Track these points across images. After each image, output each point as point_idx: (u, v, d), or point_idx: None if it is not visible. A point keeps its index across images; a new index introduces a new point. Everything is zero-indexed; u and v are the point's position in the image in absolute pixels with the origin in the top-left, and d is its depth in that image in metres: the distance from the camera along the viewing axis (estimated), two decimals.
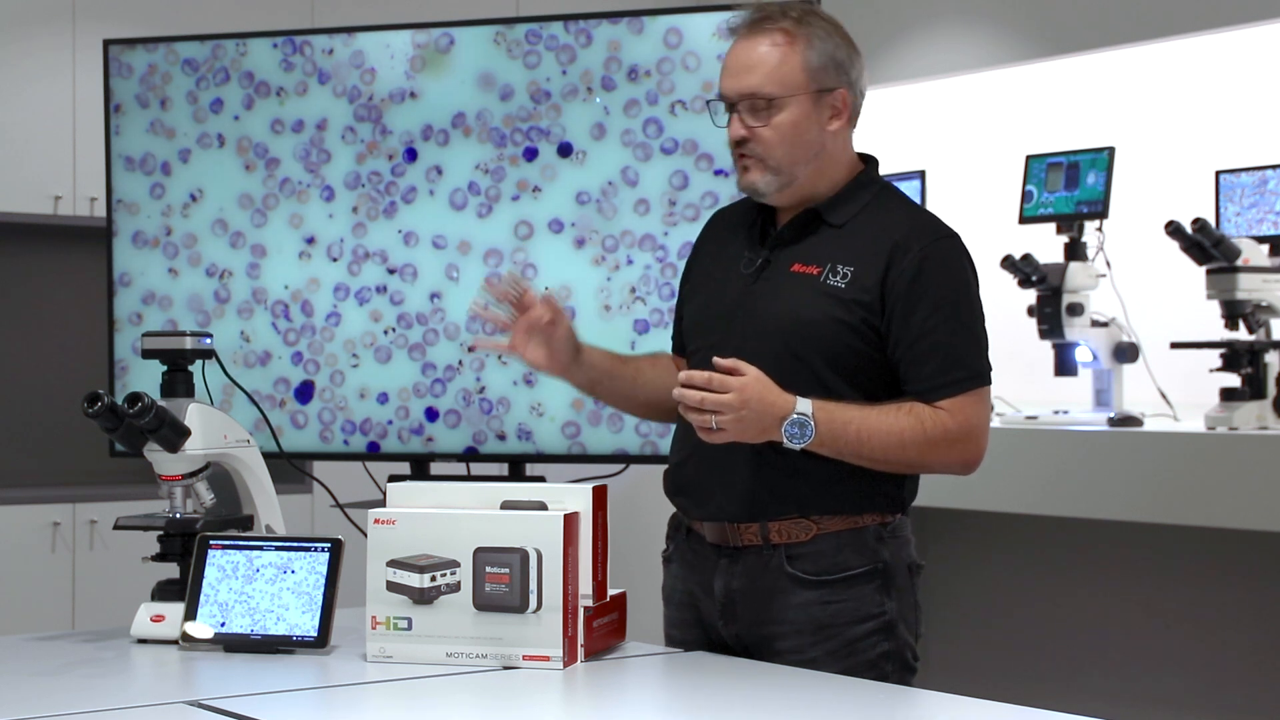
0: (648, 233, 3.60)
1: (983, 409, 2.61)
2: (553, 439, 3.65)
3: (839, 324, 2.58)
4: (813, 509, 2.60)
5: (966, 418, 2.57)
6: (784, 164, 2.62)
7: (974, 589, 5.15)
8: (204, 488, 2.78)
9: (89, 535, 5.44)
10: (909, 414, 2.55)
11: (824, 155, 2.65)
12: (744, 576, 2.64)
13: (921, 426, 2.55)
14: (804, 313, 2.60)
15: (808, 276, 2.62)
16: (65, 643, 2.70)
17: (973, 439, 2.59)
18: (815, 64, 2.61)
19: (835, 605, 2.60)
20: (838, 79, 2.63)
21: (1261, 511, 4.04)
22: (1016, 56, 5.64)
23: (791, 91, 2.61)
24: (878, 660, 2.59)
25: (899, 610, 2.62)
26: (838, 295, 2.59)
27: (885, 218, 2.64)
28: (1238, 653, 4.64)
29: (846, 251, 2.61)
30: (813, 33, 2.63)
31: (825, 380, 2.58)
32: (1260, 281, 4.29)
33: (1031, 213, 4.80)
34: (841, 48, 2.64)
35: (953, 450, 2.58)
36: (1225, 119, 5.23)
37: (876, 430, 2.54)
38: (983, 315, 2.65)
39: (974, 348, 2.61)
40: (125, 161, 3.85)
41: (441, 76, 3.70)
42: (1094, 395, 4.78)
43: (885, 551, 2.62)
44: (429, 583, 2.44)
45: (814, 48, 2.62)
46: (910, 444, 2.55)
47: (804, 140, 2.62)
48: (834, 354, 2.58)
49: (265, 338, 3.79)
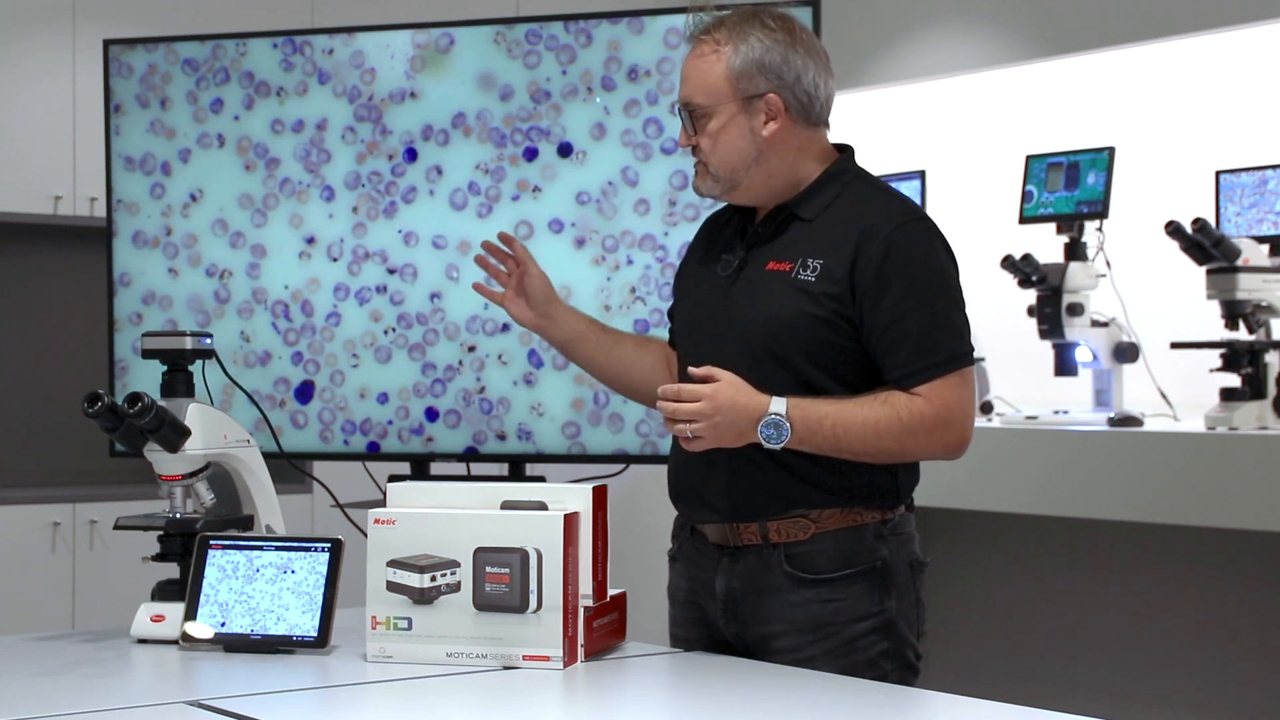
0: (648, 233, 3.60)
1: (962, 392, 2.57)
2: (553, 439, 3.65)
3: (811, 319, 2.57)
4: (808, 505, 2.60)
5: (945, 402, 2.55)
6: (722, 171, 2.65)
7: (974, 589, 5.15)
8: (204, 488, 2.78)
9: (89, 535, 5.44)
10: (885, 403, 2.54)
11: (767, 159, 2.64)
12: (744, 576, 2.64)
13: (897, 415, 2.54)
14: (777, 311, 2.60)
15: (780, 274, 2.62)
16: (65, 643, 2.70)
17: (953, 424, 2.57)
18: (738, 70, 2.61)
19: (834, 604, 2.60)
20: (766, 83, 2.61)
21: (1261, 511, 4.04)
22: (1016, 56, 5.64)
23: (717, 100, 2.62)
24: (877, 659, 2.59)
25: (899, 609, 2.62)
26: (808, 290, 2.58)
27: (853, 207, 2.63)
28: (1238, 653, 4.64)
29: (816, 245, 2.61)
30: (743, 39, 2.61)
31: (807, 376, 2.58)
32: (1260, 281, 4.29)
33: (1031, 213, 4.80)
34: (775, 49, 2.61)
35: (933, 437, 2.56)
36: (1225, 119, 5.23)
37: (852, 423, 2.53)
38: (958, 297, 2.61)
39: (948, 330, 2.58)
40: (125, 161, 3.85)
41: (441, 76, 3.70)
42: (1094, 395, 4.78)
43: (885, 549, 2.61)
44: (429, 583, 2.44)
45: (739, 54, 2.61)
46: (887, 434, 2.54)
47: (735, 147, 2.63)
48: (810, 349, 2.58)
49: (265, 338, 3.79)
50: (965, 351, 2.59)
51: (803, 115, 2.64)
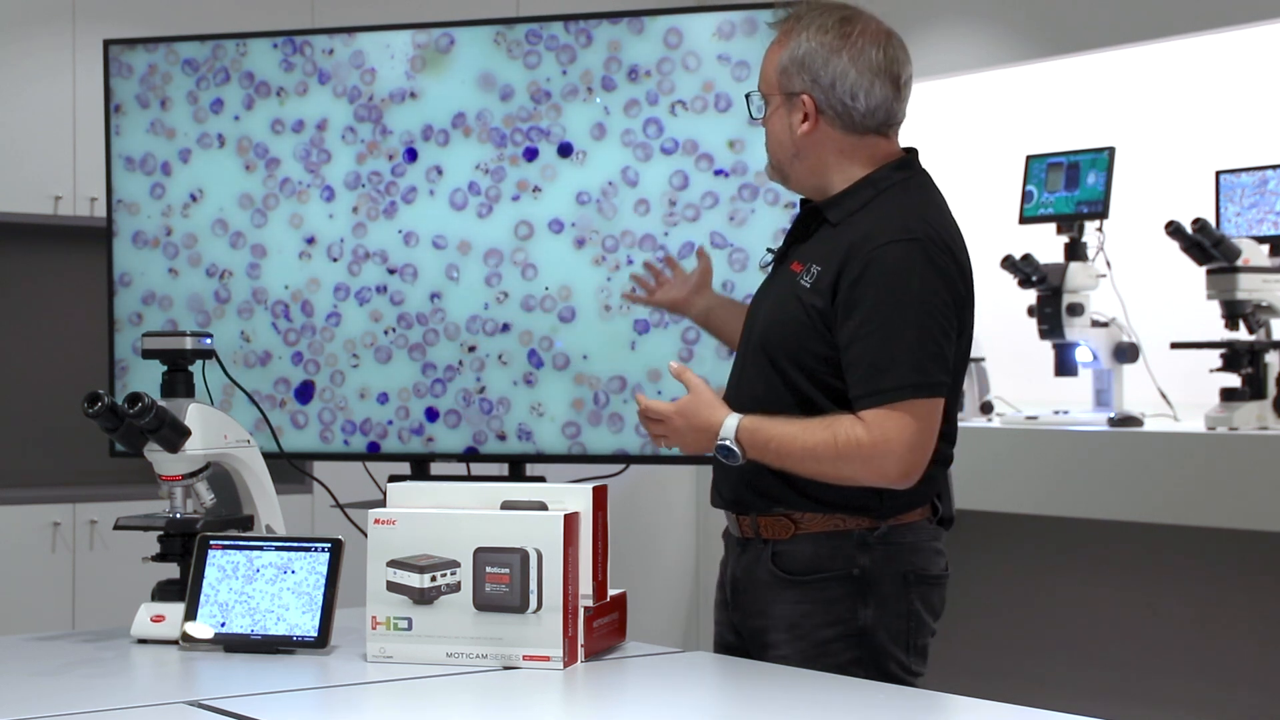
0: (648, 233, 3.60)
1: (905, 423, 2.47)
2: (553, 439, 3.65)
3: (799, 324, 2.57)
4: (788, 505, 2.61)
5: (884, 432, 2.47)
6: (774, 161, 2.70)
7: (974, 589, 5.14)
8: (204, 488, 2.78)
9: (89, 535, 5.44)
10: (827, 427, 2.50)
11: (805, 156, 2.63)
12: (745, 567, 2.68)
13: (834, 440, 2.49)
14: (776, 313, 2.62)
15: (793, 276, 2.62)
16: (65, 643, 2.70)
17: (889, 454, 2.47)
18: (784, 65, 2.62)
19: (806, 606, 2.60)
20: (801, 82, 2.60)
21: (1261, 511, 4.04)
22: (1016, 56, 5.64)
23: (768, 91, 2.66)
24: (846, 666, 2.55)
25: (878, 619, 2.58)
26: (801, 295, 2.58)
27: (868, 218, 2.58)
28: (1238, 653, 4.64)
29: (825, 251, 2.59)
30: (796, 35, 2.61)
31: (793, 381, 2.59)
32: (1260, 281, 4.29)
33: (1031, 213, 4.80)
34: (819, 51, 2.59)
35: (868, 465, 2.49)
36: (1225, 119, 5.23)
37: (792, 448, 2.52)
38: (931, 325, 2.50)
39: (905, 358, 2.48)
40: (125, 161, 3.85)
41: (442, 76, 3.70)
42: (1094, 395, 4.77)
43: (866, 558, 2.58)
44: (429, 583, 2.43)
45: (788, 50, 2.61)
46: (823, 458, 2.50)
47: (778, 140, 2.66)
48: (794, 354, 2.59)
49: (265, 338, 3.79)
50: (919, 383, 2.48)
51: (840, 120, 2.60)
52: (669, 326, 3.56)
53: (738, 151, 3.53)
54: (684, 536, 6.36)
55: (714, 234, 3.56)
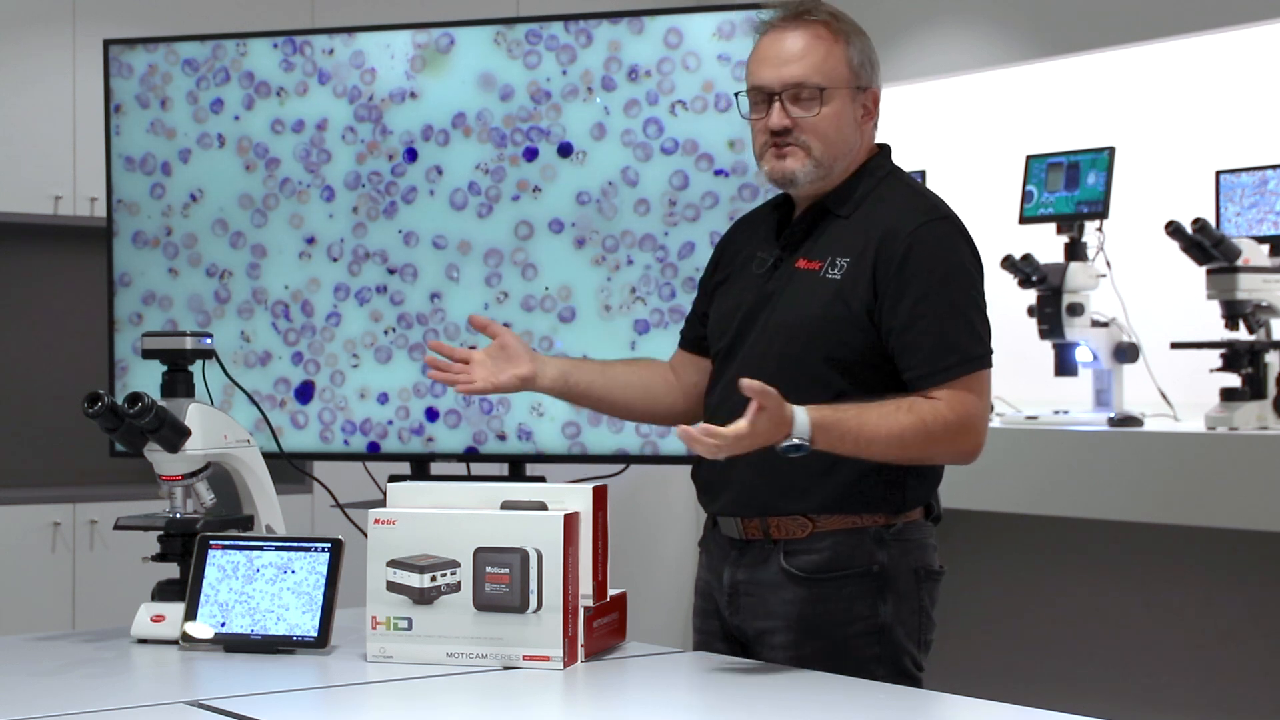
0: (648, 233, 3.60)
1: (979, 397, 2.56)
2: (553, 439, 3.65)
3: (835, 320, 2.58)
4: (810, 507, 2.60)
5: (965, 408, 2.54)
6: (825, 156, 2.65)
7: (974, 589, 5.15)
8: (204, 488, 2.78)
9: (89, 535, 5.44)
10: (909, 411, 2.52)
11: (856, 152, 2.69)
12: (747, 570, 2.66)
13: (922, 423, 2.51)
14: (803, 311, 2.61)
15: (809, 273, 2.63)
16: (65, 643, 2.70)
17: (972, 430, 2.56)
18: (856, 61, 2.66)
19: (826, 605, 2.60)
20: (872, 78, 2.69)
21: (1261, 511, 4.04)
22: (1016, 56, 5.64)
23: (836, 84, 2.64)
24: (868, 663, 2.57)
25: (896, 615, 2.60)
26: (834, 289, 2.59)
27: (884, 205, 2.64)
28: (1238, 653, 4.64)
29: (846, 243, 2.62)
30: (855, 32, 2.68)
31: (826, 379, 2.58)
32: (1260, 281, 4.29)
33: (1031, 213, 4.80)
34: (870, 48, 2.69)
35: (955, 443, 2.55)
36: (1225, 119, 5.23)
37: (876, 436, 2.50)
38: (978, 298, 2.60)
39: (966, 331, 2.57)
40: (125, 161, 3.85)
41: (442, 76, 3.70)
42: (1094, 395, 4.77)
43: (884, 554, 2.60)
44: (429, 583, 2.44)
45: (853, 45, 2.66)
46: (912, 443, 2.52)
47: (844, 134, 2.66)
48: (831, 350, 2.58)
49: (265, 338, 3.79)
50: (985, 353, 2.58)
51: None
52: (669, 327, 3.56)
53: (738, 151, 3.53)
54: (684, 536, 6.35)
55: (714, 234, 3.56)
